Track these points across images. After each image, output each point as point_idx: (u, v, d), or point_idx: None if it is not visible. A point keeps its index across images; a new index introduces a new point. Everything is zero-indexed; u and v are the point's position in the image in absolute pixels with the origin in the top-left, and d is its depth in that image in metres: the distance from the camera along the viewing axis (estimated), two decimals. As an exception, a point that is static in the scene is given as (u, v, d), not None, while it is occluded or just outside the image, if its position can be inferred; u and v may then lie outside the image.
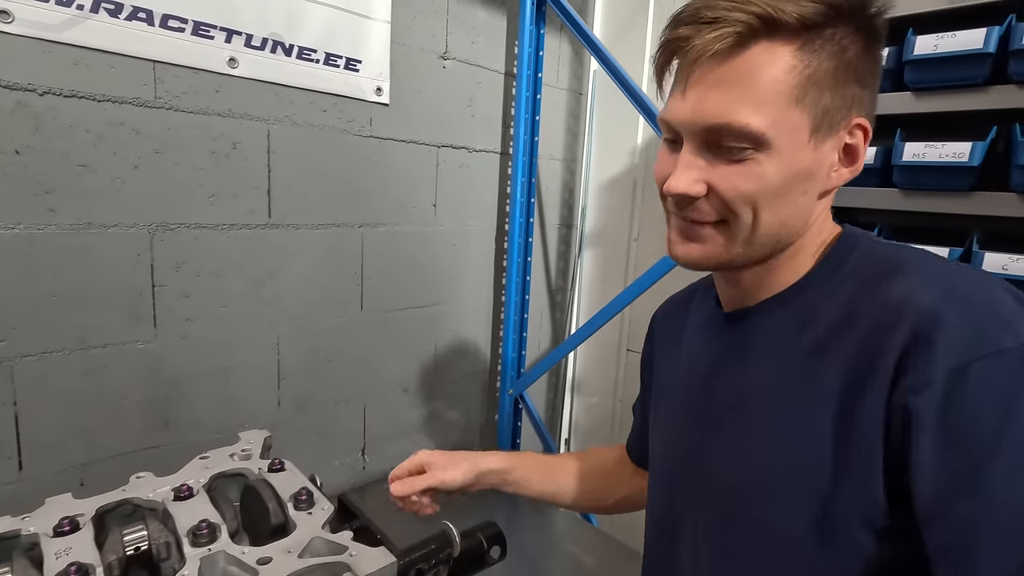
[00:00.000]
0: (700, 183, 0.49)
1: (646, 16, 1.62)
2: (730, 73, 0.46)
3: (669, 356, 0.69)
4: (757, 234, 0.50)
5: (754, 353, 0.55)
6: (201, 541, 0.55)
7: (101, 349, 0.97)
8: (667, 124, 0.51)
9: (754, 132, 0.46)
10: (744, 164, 0.48)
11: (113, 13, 0.91)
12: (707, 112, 0.47)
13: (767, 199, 0.48)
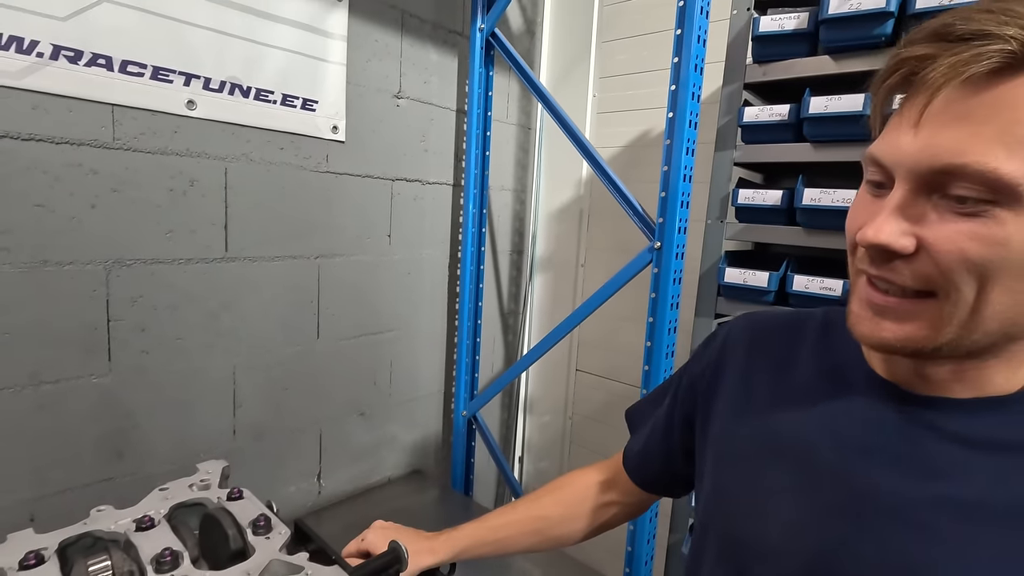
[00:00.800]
0: (909, 236, 0.39)
1: (588, 60, 1.75)
2: (982, 105, 0.36)
3: (760, 404, 0.56)
4: (981, 317, 0.39)
5: (962, 461, 0.43)
6: (164, 568, 0.59)
7: (54, 384, 0.99)
8: (876, 161, 0.41)
9: (1003, 180, 0.35)
10: (978, 221, 0.37)
11: (72, 60, 0.94)
12: (942, 149, 0.37)
13: (1004, 272, 0.37)
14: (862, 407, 0.49)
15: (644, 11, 1.65)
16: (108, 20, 0.97)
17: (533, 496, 0.80)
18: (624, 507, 0.77)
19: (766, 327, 0.61)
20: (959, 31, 0.36)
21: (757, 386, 0.57)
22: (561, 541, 0.78)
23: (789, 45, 1.05)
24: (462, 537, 0.76)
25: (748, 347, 0.60)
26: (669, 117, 1.13)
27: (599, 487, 0.77)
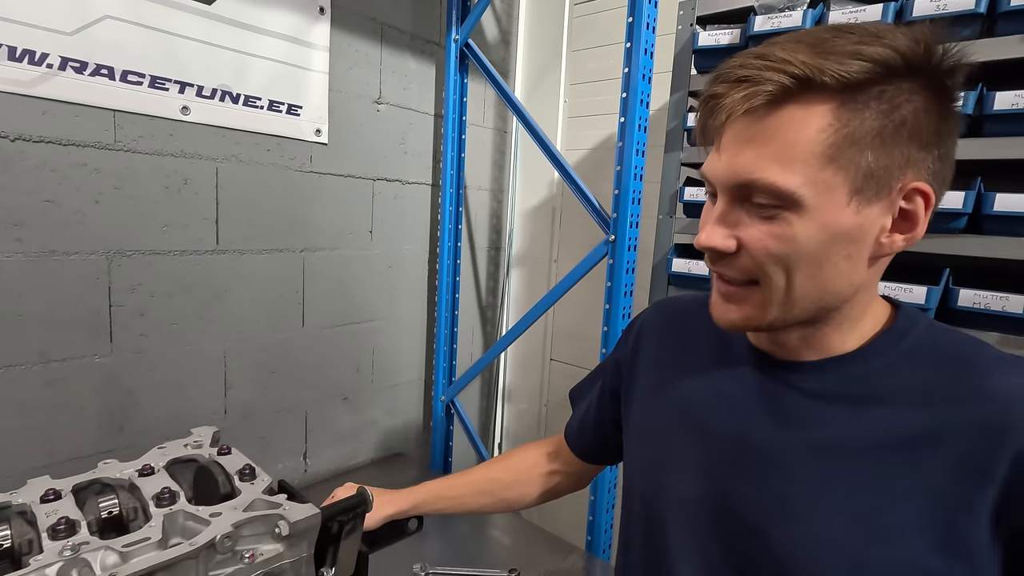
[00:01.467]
0: (731, 239, 0.48)
1: (559, 68, 1.87)
2: (762, 131, 0.45)
3: (667, 378, 0.65)
4: (794, 297, 0.48)
5: (816, 410, 0.51)
6: (163, 503, 0.70)
7: (61, 363, 1.09)
8: (705, 178, 0.51)
9: (782, 190, 0.45)
10: (774, 223, 0.46)
11: (78, 70, 1.05)
12: (738, 168, 0.46)
13: (801, 262, 0.47)
14: (741, 374, 0.58)
15: (610, 23, 1.77)
16: (110, 34, 1.07)
17: (488, 462, 0.91)
18: (567, 476, 0.87)
19: (671, 313, 0.71)
20: (737, 74, 0.45)
21: (667, 364, 0.67)
22: (511, 503, 0.88)
23: (724, 57, 1.17)
24: (420, 491, 0.86)
25: (659, 332, 0.70)
26: (621, 122, 1.25)
27: (546, 457, 0.87)
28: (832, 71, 0.43)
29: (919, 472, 0.46)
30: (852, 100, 0.44)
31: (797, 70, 0.43)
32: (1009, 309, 0.88)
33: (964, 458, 0.44)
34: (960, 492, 0.44)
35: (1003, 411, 0.44)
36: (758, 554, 0.52)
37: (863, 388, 0.51)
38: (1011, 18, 0.89)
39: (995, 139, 0.90)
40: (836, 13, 1.02)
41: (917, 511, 0.45)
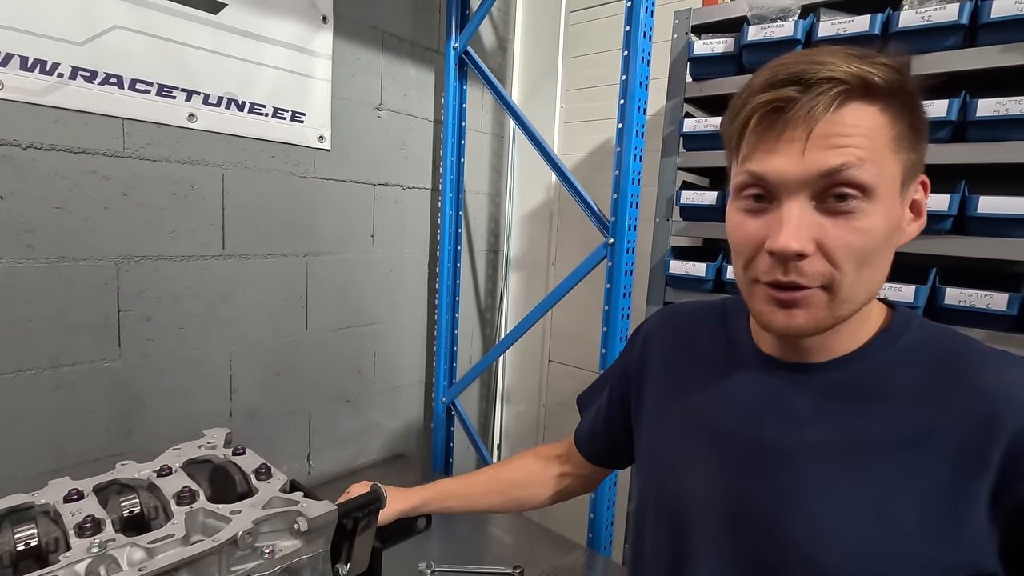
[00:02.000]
0: (811, 241, 0.48)
1: (556, 75, 1.90)
2: (837, 126, 0.47)
3: (676, 383, 0.67)
4: (855, 292, 0.49)
5: (820, 408, 0.54)
6: (184, 502, 0.72)
7: (71, 367, 1.10)
8: (762, 180, 0.50)
9: (865, 180, 0.46)
10: (853, 218, 0.47)
11: (88, 79, 1.07)
12: (826, 159, 0.47)
13: (871, 254, 0.48)
14: (751, 378, 0.60)
15: (606, 30, 1.80)
16: (119, 44, 1.09)
17: (499, 464, 0.93)
18: (577, 478, 0.89)
19: (676, 320, 0.73)
20: (810, 77, 0.46)
21: (675, 368, 0.69)
22: (522, 503, 0.89)
23: (719, 65, 1.21)
24: (432, 489, 0.88)
25: (665, 338, 0.73)
26: (619, 127, 1.28)
27: (557, 459, 0.89)
28: (879, 75, 0.47)
29: (920, 467, 0.48)
30: (891, 105, 0.48)
31: (856, 72, 0.46)
32: (993, 307, 0.92)
33: (961, 451, 0.47)
34: (959, 483, 0.47)
35: (993, 404, 0.47)
36: (771, 547, 0.54)
37: (864, 387, 0.53)
38: (992, 29, 0.93)
39: (978, 144, 0.94)
40: (826, 24, 1.06)
41: (920, 504, 0.47)
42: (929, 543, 0.47)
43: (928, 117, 0.51)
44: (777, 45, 1.10)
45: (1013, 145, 0.91)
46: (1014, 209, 0.90)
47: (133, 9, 1.10)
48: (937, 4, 0.96)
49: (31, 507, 0.71)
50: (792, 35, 1.07)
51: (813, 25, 1.07)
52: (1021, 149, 0.91)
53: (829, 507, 0.51)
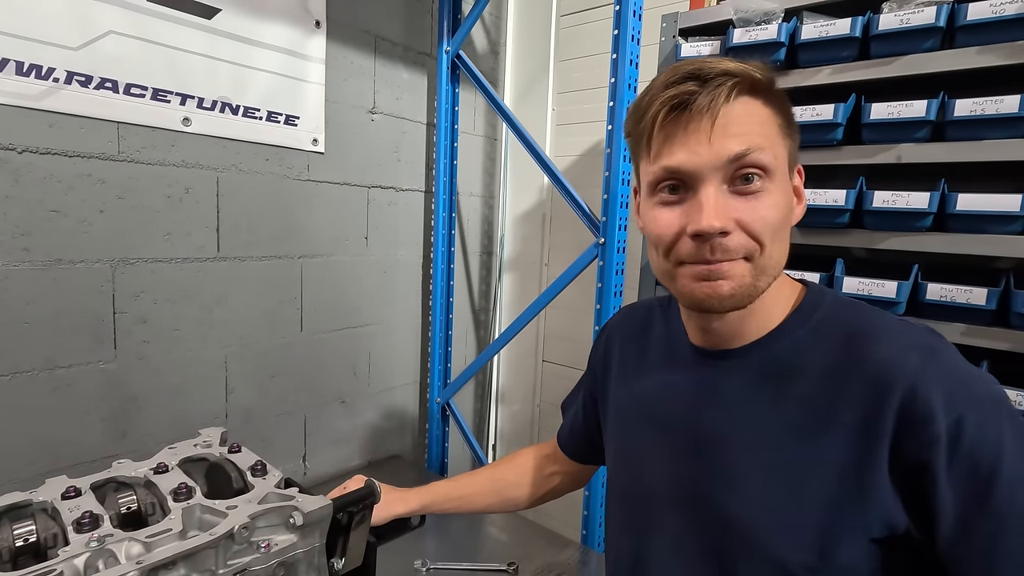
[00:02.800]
0: (731, 219, 0.52)
1: (547, 77, 1.92)
2: (733, 116, 0.52)
3: (630, 379, 0.72)
4: (773, 263, 0.54)
5: (745, 393, 0.58)
6: (181, 498, 0.73)
7: (66, 369, 1.11)
8: (674, 172, 0.54)
9: (766, 161, 0.52)
10: (761, 196, 0.52)
11: (84, 84, 1.08)
12: (729, 146, 0.51)
13: (781, 227, 0.54)
14: (687, 370, 0.65)
15: (596, 34, 1.83)
16: (114, 49, 1.11)
17: (492, 465, 0.96)
18: (566, 476, 0.92)
19: (632, 317, 0.78)
20: (703, 75, 0.52)
21: (629, 363, 0.74)
22: (516, 503, 0.92)
23: (706, 68, 1.23)
24: (431, 491, 0.90)
25: (623, 335, 0.77)
26: (608, 129, 1.30)
27: (545, 459, 0.93)
28: (759, 74, 0.53)
29: (834, 438, 0.52)
30: (771, 97, 0.55)
31: (743, 70, 0.53)
32: (973, 301, 0.94)
33: (865, 419, 0.51)
34: (866, 449, 0.51)
35: (888, 372, 0.51)
36: (715, 525, 0.59)
37: (780, 366, 0.58)
38: (969, 31, 0.95)
39: (957, 143, 0.97)
40: (809, 26, 1.08)
41: (837, 473, 0.52)
42: (848, 509, 0.51)
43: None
44: (762, 47, 1.12)
45: (990, 144, 0.94)
46: (992, 206, 0.93)
47: (128, 14, 1.11)
48: (915, 7, 0.99)
49: (29, 504, 0.71)
50: (776, 38, 1.10)
51: (796, 28, 1.10)
52: (997, 148, 0.93)
53: (758, 484, 0.56)
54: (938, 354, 0.51)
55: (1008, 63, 0.92)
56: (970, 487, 0.47)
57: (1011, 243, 0.93)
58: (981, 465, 0.47)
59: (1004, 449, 0.47)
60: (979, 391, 0.49)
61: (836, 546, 0.52)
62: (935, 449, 0.48)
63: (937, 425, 0.48)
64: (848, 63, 1.06)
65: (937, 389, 0.49)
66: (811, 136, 1.10)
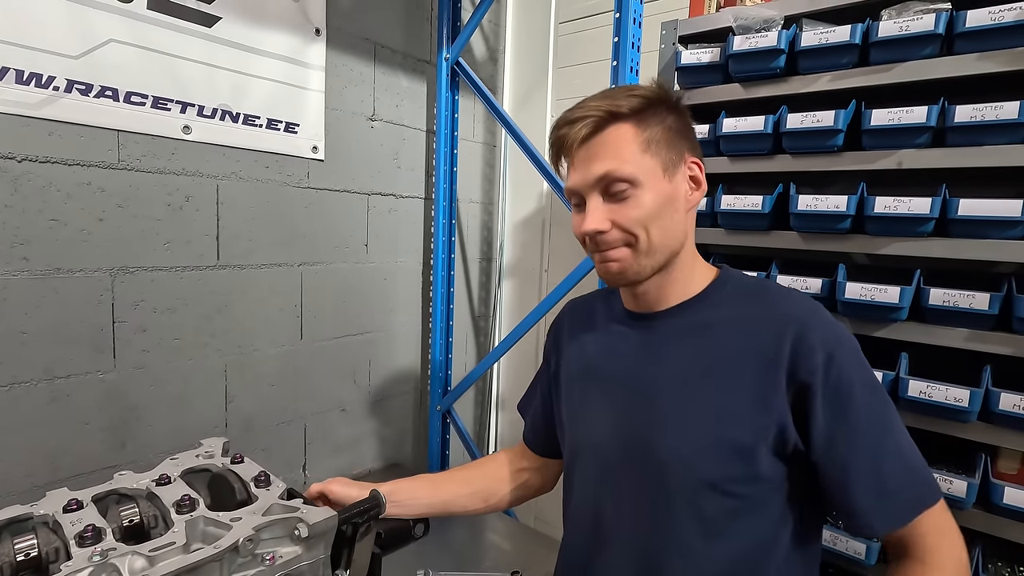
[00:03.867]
0: (605, 221, 0.70)
1: (546, 84, 1.93)
2: (599, 146, 0.69)
3: (576, 349, 0.85)
4: (653, 245, 0.70)
5: (674, 347, 0.73)
6: (184, 510, 0.72)
7: (65, 379, 1.10)
8: (571, 191, 0.73)
9: (626, 175, 0.68)
10: (628, 200, 0.69)
11: (84, 92, 1.07)
12: (594, 170, 0.69)
13: (651, 219, 0.69)
14: (623, 332, 0.79)
15: (595, 40, 1.83)
16: (115, 57, 1.10)
17: (465, 467, 0.99)
18: (534, 472, 0.96)
19: (578, 305, 0.92)
20: (571, 117, 0.70)
21: (576, 339, 0.86)
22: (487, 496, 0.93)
23: (706, 75, 1.24)
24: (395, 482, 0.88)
25: (570, 320, 0.90)
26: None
27: (515, 456, 0.98)
28: (623, 104, 0.69)
29: (744, 373, 0.68)
30: (641, 119, 0.70)
31: (605, 107, 0.69)
32: (976, 306, 0.94)
33: (768, 356, 0.67)
34: (770, 375, 0.67)
35: (785, 320, 0.68)
36: (652, 459, 0.72)
37: (701, 321, 0.73)
38: (968, 38, 0.96)
39: (957, 149, 0.97)
40: (808, 34, 1.09)
41: (748, 398, 0.67)
42: (760, 427, 0.66)
43: (684, 121, 0.74)
44: (762, 55, 1.13)
45: (990, 149, 0.94)
46: (993, 211, 0.93)
47: (128, 23, 1.11)
48: (915, 14, 0.99)
49: (30, 518, 0.70)
50: (776, 45, 1.10)
51: (796, 35, 1.10)
52: (998, 153, 0.94)
53: (689, 420, 0.70)
54: (818, 310, 0.70)
55: (1007, 69, 0.92)
56: (836, 405, 0.65)
57: (1013, 248, 0.93)
58: (842, 390, 0.65)
59: (855, 380, 0.66)
60: (844, 337, 0.68)
61: (754, 460, 0.67)
62: (815, 375, 0.65)
63: (817, 356, 0.65)
64: (848, 70, 1.07)
65: (817, 332, 0.66)
66: (812, 142, 1.11)
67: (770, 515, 0.70)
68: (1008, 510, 0.93)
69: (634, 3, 1.23)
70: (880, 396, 0.67)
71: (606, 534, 0.78)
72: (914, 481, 0.67)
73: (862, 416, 0.65)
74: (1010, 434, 0.94)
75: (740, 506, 0.69)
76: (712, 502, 0.69)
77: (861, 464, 0.65)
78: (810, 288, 1.11)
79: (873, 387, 0.67)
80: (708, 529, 0.69)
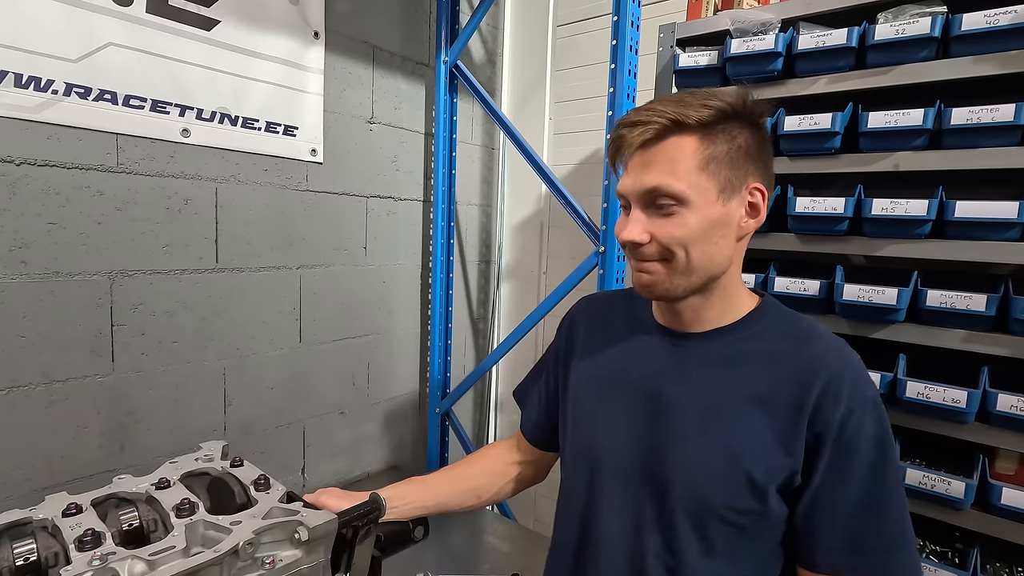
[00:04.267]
0: (645, 233, 0.68)
1: (544, 87, 1.93)
2: (655, 155, 0.66)
3: (594, 351, 0.82)
4: (691, 266, 0.67)
5: (704, 371, 0.71)
6: (184, 514, 0.72)
7: (63, 383, 1.10)
8: (620, 194, 0.70)
9: (675, 192, 0.65)
10: (673, 217, 0.66)
11: (83, 96, 1.07)
12: (644, 180, 0.66)
13: (693, 241, 0.66)
14: (651, 344, 0.77)
15: (592, 43, 1.84)
16: (114, 60, 1.10)
17: (459, 464, 0.96)
18: (529, 465, 0.95)
19: (593, 305, 0.89)
20: (634, 120, 0.67)
21: (594, 342, 0.84)
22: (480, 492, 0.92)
23: (704, 77, 1.24)
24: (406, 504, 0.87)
25: (586, 320, 0.88)
26: (608, 139, 1.30)
27: (509, 450, 0.96)
28: (691, 115, 0.65)
29: (770, 413, 0.67)
30: (708, 134, 0.66)
31: (671, 115, 0.65)
32: (973, 307, 0.95)
33: (793, 400, 0.66)
34: (792, 423, 0.66)
35: (813, 368, 0.67)
36: (658, 477, 0.71)
37: (735, 352, 0.72)
38: (963, 41, 0.97)
39: (954, 151, 0.98)
40: (805, 37, 1.09)
41: (770, 440, 0.67)
42: (771, 459, 0.66)
43: (759, 140, 0.68)
44: (759, 57, 1.13)
45: (986, 152, 0.95)
46: (989, 213, 0.94)
47: (127, 26, 1.11)
48: (911, 18, 1.00)
49: (29, 522, 0.70)
50: (773, 48, 1.11)
51: (793, 38, 1.11)
52: (994, 155, 0.94)
53: (707, 445, 0.69)
54: (849, 361, 0.68)
55: (1003, 72, 0.93)
56: (839, 458, 0.65)
57: (1009, 249, 0.93)
58: (851, 446, 0.65)
59: (868, 439, 0.65)
60: (869, 394, 0.67)
61: (765, 497, 0.67)
62: (831, 428, 0.65)
63: (839, 410, 0.65)
64: (845, 72, 1.08)
65: (845, 387, 0.65)
66: (809, 144, 1.11)
67: (771, 546, 0.70)
68: (1006, 510, 0.94)
69: (632, 6, 1.24)
70: (888, 457, 0.66)
71: (598, 539, 0.77)
72: (890, 545, 0.65)
73: (862, 471, 0.65)
74: (1008, 435, 0.94)
75: (742, 534, 0.69)
76: (716, 527, 0.69)
77: (843, 516, 0.65)
78: (808, 290, 1.12)
79: (884, 448, 0.66)
80: (708, 548, 0.69)
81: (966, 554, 1.02)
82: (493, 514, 1.62)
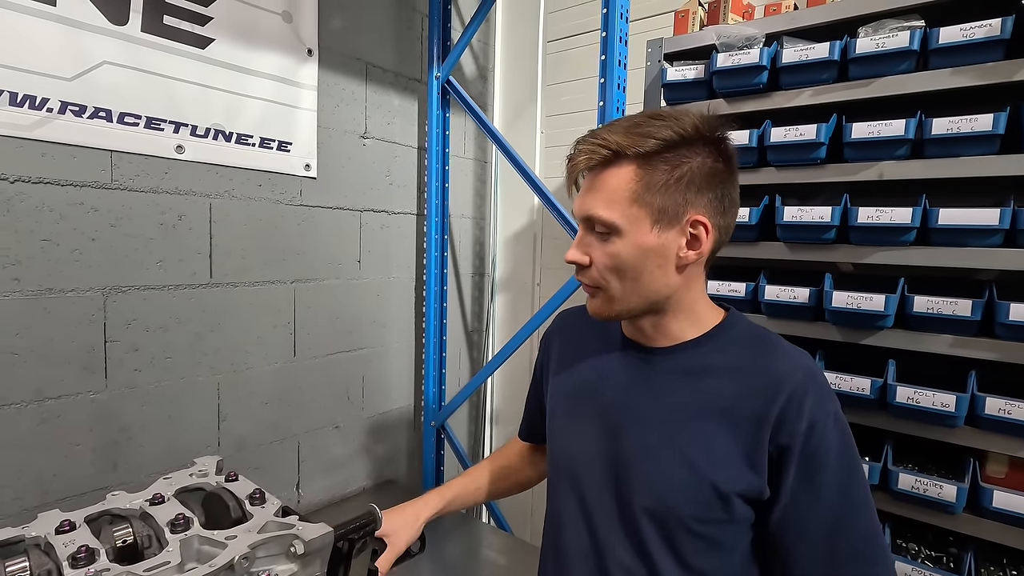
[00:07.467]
0: (585, 255, 0.71)
1: (535, 101, 1.96)
2: (596, 183, 0.68)
3: (566, 365, 0.85)
4: (624, 295, 0.69)
5: (669, 385, 0.73)
6: (178, 529, 0.71)
7: (56, 400, 1.09)
8: (573, 214, 0.74)
9: (607, 221, 0.67)
10: (607, 244, 0.68)
11: (77, 113, 1.08)
12: (584, 207, 0.69)
13: (625, 270, 0.68)
14: (619, 358, 0.79)
15: (583, 58, 1.87)
16: (108, 79, 1.11)
17: (489, 458, 1.03)
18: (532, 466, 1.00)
19: (568, 321, 0.92)
20: (582, 147, 0.68)
21: (568, 355, 0.86)
22: (522, 483, 1.00)
23: (691, 91, 1.27)
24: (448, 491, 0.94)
25: (561, 334, 0.91)
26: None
27: (528, 446, 1.02)
28: (632, 147, 0.66)
29: (733, 426, 0.68)
30: (646, 163, 0.66)
31: (613, 145, 0.66)
32: (959, 312, 0.96)
33: (757, 412, 0.67)
34: (755, 435, 0.67)
35: (777, 382, 0.67)
36: (623, 486, 0.73)
37: (699, 365, 0.73)
38: (942, 53, 1.00)
39: (935, 160, 1.00)
40: (789, 51, 1.12)
41: (734, 451, 0.68)
42: (734, 470, 0.67)
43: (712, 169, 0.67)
44: (744, 71, 1.16)
45: (967, 160, 0.97)
46: (972, 220, 0.96)
47: (122, 45, 1.13)
48: (890, 32, 1.03)
49: (22, 540, 0.70)
50: (758, 62, 1.13)
51: (777, 52, 1.14)
52: (974, 164, 0.97)
53: (673, 456, 0.70)
54: (815, 376, 0.69)
55: (980, 83, 0.96)
56: (807, 471, 0.66)
57: (992, 255, 0.95)
58: (818, 458, 0.66)
59: (832, 451, 0.66)
60: (831, 408, 0.68)
61: (730, 506, 0.67)
62: (795, 440, 0.66)
63: (802, 423, 0.65)
64: (828, 85, 1.10)
65: (808, 400, 0.66)
66: (795, 155, 1.14)
67: (742, 560, 0.71)
68: (998, 513, 0.95)
69: (620, 23, 1.26)
70: (854, 472, 0.67)
71: (570, 551, 0.79)
72: (866, 561, 0.66)
73: (830, 485, 0.66)
74: (997, 438, 0.96)
75: (711, 546, 0.70)
76: (684, 538, 0.70)
77: (816, 531, 0.66)
78: (798, 297, 1.13)
79: (850, 462, 0.67)
80: (678, 560, 0.70)
81: (960, 559, 1.03)
82: (489, 527, 1.61)
